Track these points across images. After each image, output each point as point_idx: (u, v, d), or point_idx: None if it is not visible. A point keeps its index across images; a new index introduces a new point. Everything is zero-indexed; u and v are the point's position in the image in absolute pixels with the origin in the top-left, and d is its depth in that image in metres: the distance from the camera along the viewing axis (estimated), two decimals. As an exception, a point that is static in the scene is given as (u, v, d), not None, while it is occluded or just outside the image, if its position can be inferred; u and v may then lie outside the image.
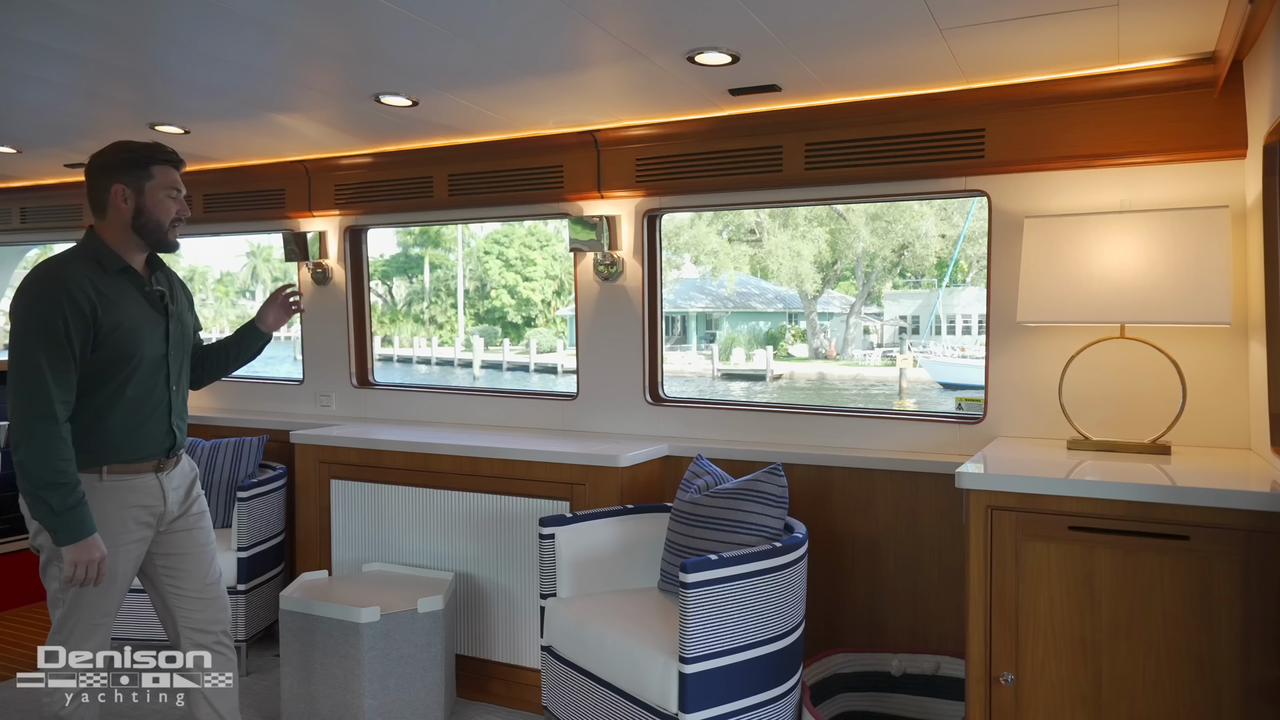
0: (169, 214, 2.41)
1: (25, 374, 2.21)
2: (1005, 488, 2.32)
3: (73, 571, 2.24)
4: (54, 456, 2.20)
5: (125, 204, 2.36)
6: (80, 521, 2.23)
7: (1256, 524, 2.07)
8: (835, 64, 2.82)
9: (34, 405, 2.20)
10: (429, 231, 39.66)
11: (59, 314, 2.22)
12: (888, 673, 3.10)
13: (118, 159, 2.37)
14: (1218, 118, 2.70)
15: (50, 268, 2.29)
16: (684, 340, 33.34)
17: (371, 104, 3.38)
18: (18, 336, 2.23)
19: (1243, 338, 2.75)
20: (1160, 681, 2.19)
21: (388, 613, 3.06)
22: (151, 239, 2.41)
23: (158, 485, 2.45)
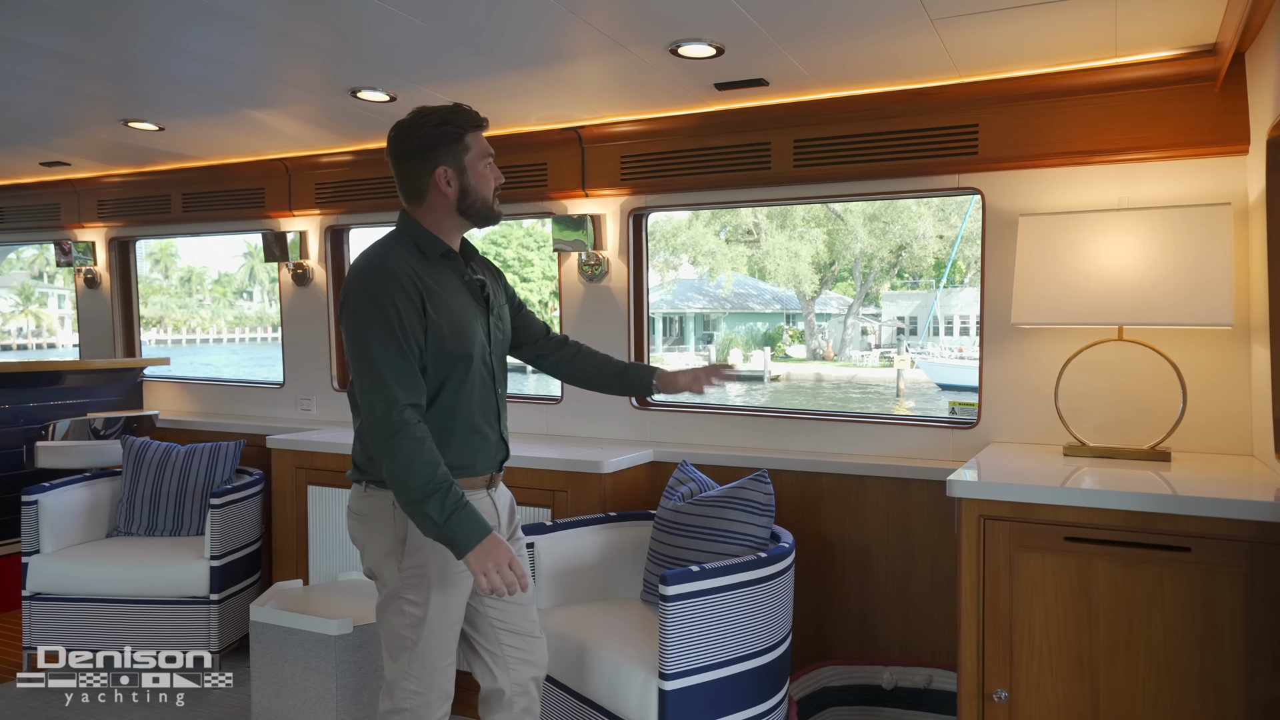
0: (491, 185, 2.12)
1: (369, 379, 1.93)
2: (998, 496, 2.23)
3: (486, 581, 1.89)
4: (422, 461, 1.90)
5: (450, 187, 2.06)
6: (472, 521, 1.90)
7: (1261, 535, 1.98)
8: (823, 57, 2.72)
9: (388, 412, 1.91)
10: (426, 232, 39.52)
11: (389, 303, 1.95)
12: (879, 686, 3.00)
13: (433, 136, 2.04)
14: (1219, 112, 2.61)
15: (371, 257, 2.02)
16: (681, 341, 33.25)
17: (349, 99, 3.29)
18: (353, 339, 1.97)
19: (1245, 340, 2.65)
20: (1161, 700, 2.09)
21: (361, 624, 2.96)
22: (478, 217, 2.12)
23: (490, 504, 2.18)
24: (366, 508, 2.13)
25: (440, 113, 2.05)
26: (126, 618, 3.51)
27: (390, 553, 2.08)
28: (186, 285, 49.35)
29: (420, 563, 2.07)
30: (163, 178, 4.67)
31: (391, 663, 2.13)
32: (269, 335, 46.11)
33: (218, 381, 4.98)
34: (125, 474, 3.95)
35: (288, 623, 2.98)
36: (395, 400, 1.92)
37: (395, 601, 2.09)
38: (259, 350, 41.69)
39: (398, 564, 2.08)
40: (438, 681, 2.12)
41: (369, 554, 2.14)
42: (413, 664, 2.09)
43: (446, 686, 2.15)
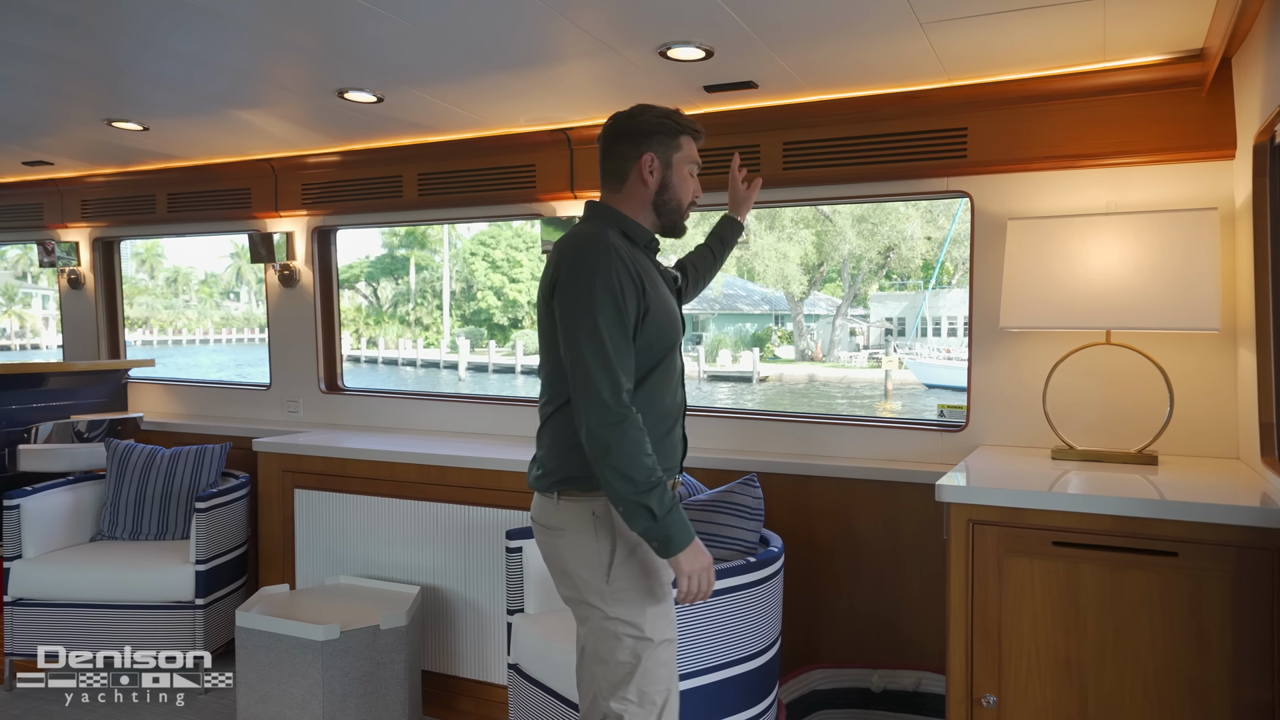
0: (689, 194, 2.08)
1: (598, 360, 1.83)
2: (987, 501, 2.22)
3: (688, 585, 1.85)
4: (644, 453, 1.82)
5: (651, 176, 2.02)
6: (684, 521, 1.85)
7: (1248, 540, 1.99)
8: (813, 60, 2.72)
9: (617, 395, 1.81)
10: (414, 232, 39.46)
11: (616, 282, 1.86)
12: (868, 689, 3.00)
13: (650, 124, 2.02)
14: (1206, 117, 2.62)
15: (588, 236, 1.93)
16: (670, 342, 33.22)
17: (336, 100, 3.27)
18: (578, 318, 1.85)
19: (1232, 344, 2.66)
20: (1148, 705, 2.10)
21: (348, 630, 2.94)
22: (668, 220, 2.07)
23: None
24: (564, 519, 1.97)
25: (664, 110, 2.05)
26: (111, 623, 3.47)
27: (599, 570, 1.93)
28: (173, 286, 49.07)
29: (630, 573, 1.94)
30: (147, 177, 4.63)
31: (608, 693, 1.95)
32: (256, 336, 45.90)
33: (203, 383, 4.95)
34: (109, 477, 3.92)
35: (274, 628, 2.96)
36: (621, 384, 1.83)
37: (610, 625, 1.93)
38: (246, 351, 41.49)
39: (606, 580, 1.93)
40: (666, 699, 1.97)
41: (574, 574, 1.97)
42: (634, 686, 1.93)
43: (675, 706, 2.00)
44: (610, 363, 1.83)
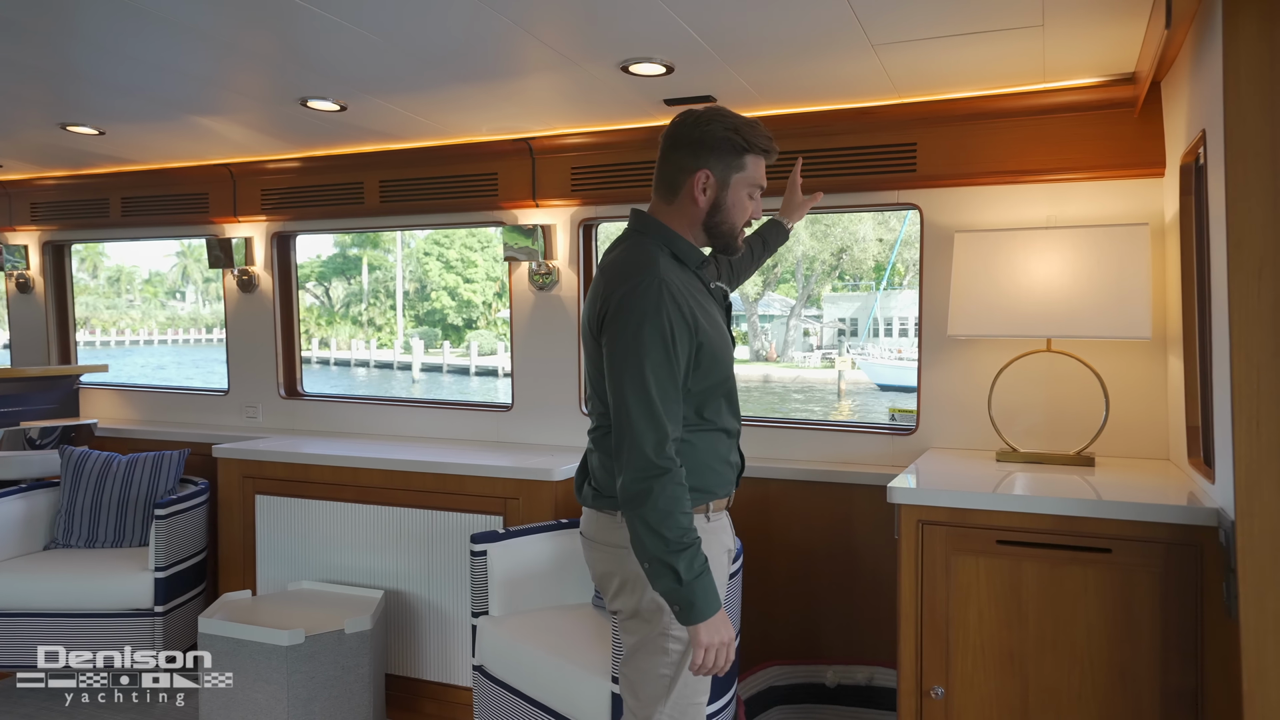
0: (745, 216, 1.95)
1: (641, 408, 1.75)
2: (935, 502, 2.34)
3: (704, 658, 1.77)
4: (682, 512, 1.74)
5: (703, 195, 1.89)
6: (711, 589, 1.76)
7: (1175, 536, 2.12)
8: (769, 77, 2.82)
9: (660, 448, 1.75)
10: (366, 233, 38.97)
11: (667, 324, 1.77)
12: (822, 684, 3.11)
13: (714, 138, 1.86)
14: (1137, 137, 2.77)
15: (639, 267, 1.83)
16: (626, 343, 33.29)
17: (298, 108, 3.28)
18: (624, 360, 1.78)
19: (1162, 352, 2.82)
20: (1085, 693, 2.22)
21: (313, 634, 2.96)
22: (719, 242, 1.96)
23: (728, 522, 2.06)
24: (623, 538, 1.87)
25: (735, 120, 1.88)
26: (68, 631, 3.44)
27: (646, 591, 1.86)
28: (115, 285, 47.84)
29: None
30: (101, 181, 4.57)
31: (645, 704, 1.92)
32: (203, 337, 44.97)
33: (158, 389, 4.90)
34: (64, 485, 3.88)
35: (238, 634, 2.97)
36: (666, 436, 1.75)
37: (657, 640, 1.89)
38: (193, 352, 40.63)
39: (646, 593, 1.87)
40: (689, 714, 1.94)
41: (629, 590, 1.91)
42: (670, 705, 1.90)
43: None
44: (656, 412, 1.75)
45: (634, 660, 1.94)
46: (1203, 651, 2.12)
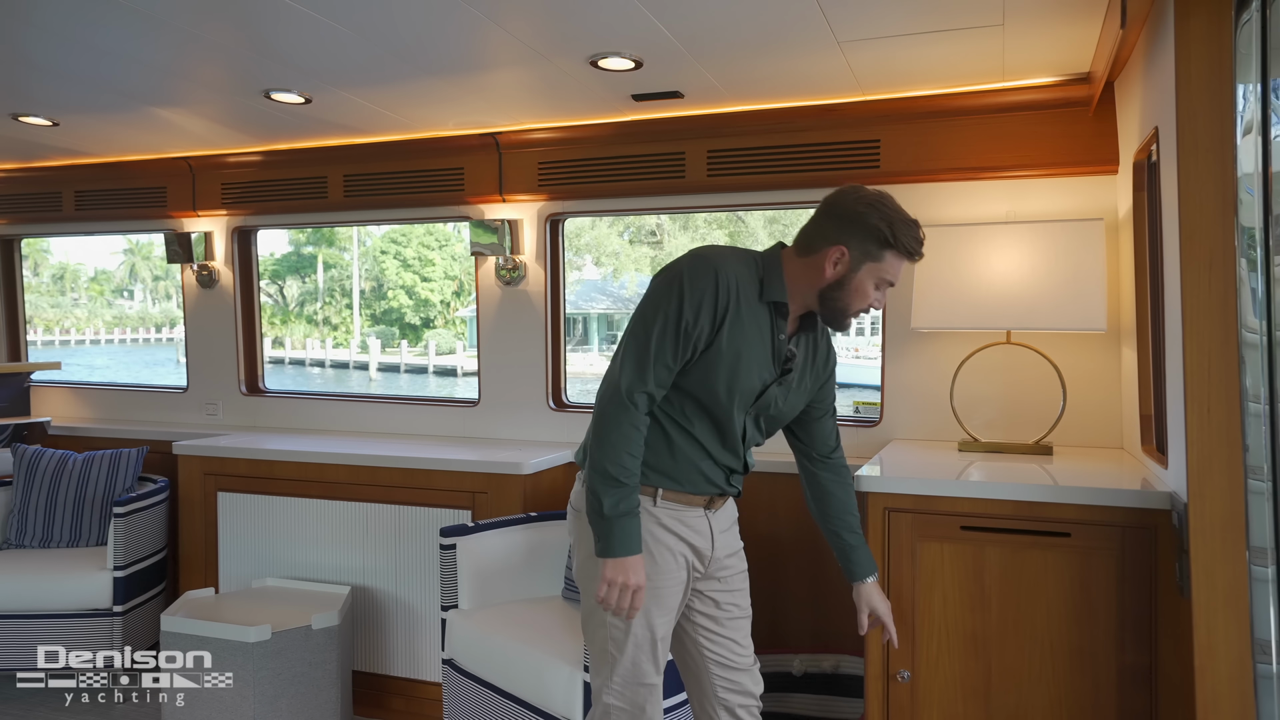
0: (863, 304, 1.97)
1: (636, 351, 1.89)
2: (901, 490, 2.39)
3: (604, 593, 1.89)
4: (626, 452, 1.87)
5: (833, 268, 1.92)
6: (633, 535, 1.88)
7: (1130, 520, 2.19)
8: (737, 73, 2.85)
9: (630, 390, 1.87)
10: (322, 230, 38.44)
11: (694, 300, 1.87)
12: (789, 673, 3.15)
13: (866, 224, 1.89)
14: (1092, 135, 2.85)
15: (713, 252, 1.93)
16: (585, 342, 33.30)
17: (262, 100, 3.24)
18: (644, 309, 1.91)
19: (1116, 343, 2.91)
20: (1045, 673, 2.29)
21: (279, 630, 2.94)
22: (828, 314, 1.99)
23: (706, 525, 2.08)
24: (582, 502, 2.00)
25: (892, 214, 1.90)
26: (24, 633, 3.36)
27: (594, 554, 1.96)
28: (59, 283, 46.56)
29: None
30: (54, 174, 4.47)
31: (595, 675, 2.05)
32: (152, 336, 43.96)
33: (113, 386, 4.80)
34: (16, 484, 3.79)
35: (202, 631, 2.93)
36: (646, 387, 1.88)
37: (598, 612, 1.98)
38: (144, 352, 39.71)
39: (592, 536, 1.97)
40: (642, 702, 2.01)
41: (576, 555, 2.06)
42: (614, 678, 2.00)
43: (651, 712, 2.02)
44: (646, 363, 1.88)
45: (584, 630, 2.07)
46: (1156, 631, 2.20)
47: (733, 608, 2.15)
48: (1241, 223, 1.84)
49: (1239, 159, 1.84)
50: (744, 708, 2.16)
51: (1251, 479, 1.85)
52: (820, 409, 2.18)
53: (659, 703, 2.06)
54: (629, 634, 1.98)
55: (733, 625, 2.15)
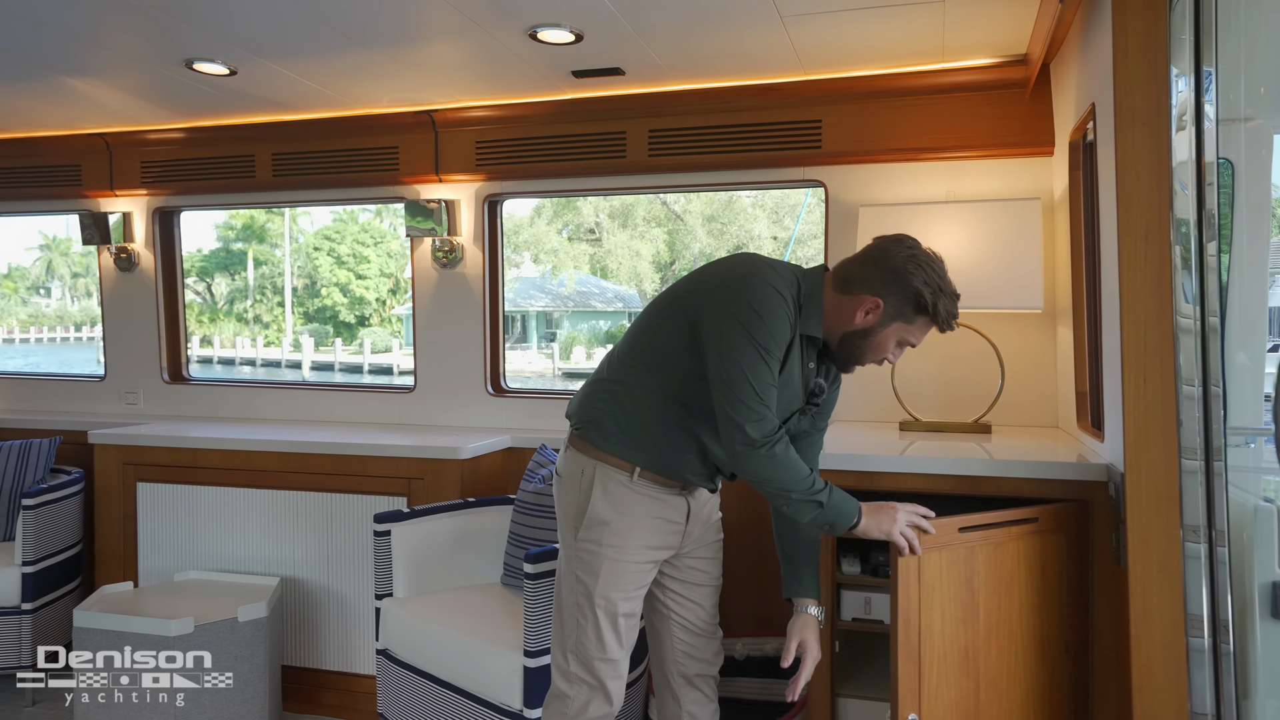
0: (879, 357, 1.96)
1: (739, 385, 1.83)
2: (845, 466, 2.38)
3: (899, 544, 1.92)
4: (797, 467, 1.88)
5: (862, 318, 1.91)
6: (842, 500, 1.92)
7: (1068, 492, 2.21)
8: (679, 49, 2.81)
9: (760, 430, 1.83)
10: (252, 226, 37.41)
11: (779, 331, 1.84)
12: (732, 656, 3.12)
13: (909, 283, 1.87)
14: (1029, 116, 2.89)
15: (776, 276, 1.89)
16: (524, 339, 33.05)
17: (183, 71, 3.10)
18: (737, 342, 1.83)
19: (1051, 323, 2.95)
20: (1019, 672, 2.14)
21: (203, 624, 2.80)
22: (840, 356, 1.98)
23: (684, 503, 2.08)
24: (564, 467, 2.06)
25: (937, 282, 1.89)
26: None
27: (570, 520, 2.01)
28: (-31, 278, 44.47)
29: (597, 539, 1.98)
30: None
31: (556, 645, 2.06)
32: (71, 335, 42.27)
33: (24, 375, 4.55)
34: (-84, 477, 3.56)
35: (119, 626, 2.78)
36: (767, 418, 1.83)
37: (569, 576, 2.02)
38: (61, 352, 38.17)
39: (575, 533, 2.00)
40: (601, 676, 2.02)
41: (558, 518, 2.08)
42: (576, 646, 2.01)
43: (611, 687, 2.03)
44: (763, 399, 1.82)
45: (556, 593, 2.08)
46: (1092, 603, 2.22)
47: (702, 574, 2.17)
48: (1176, 213, 1.87)
49: (1173, 148, 1.87)
50: (701, 677, 2.18)
51: (1185, 459, 1.88)
52: (820, 423, 2.13)
53: (620, 679, 2.05)
54: (594, 604, 1.98)
55: (700, 591, 2.18)
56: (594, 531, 1.99)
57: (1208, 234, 1.88)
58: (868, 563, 2.41)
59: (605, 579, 1.98)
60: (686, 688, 2.18)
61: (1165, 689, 1.89)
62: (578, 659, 2.02)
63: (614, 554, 1.98)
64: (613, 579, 1.99)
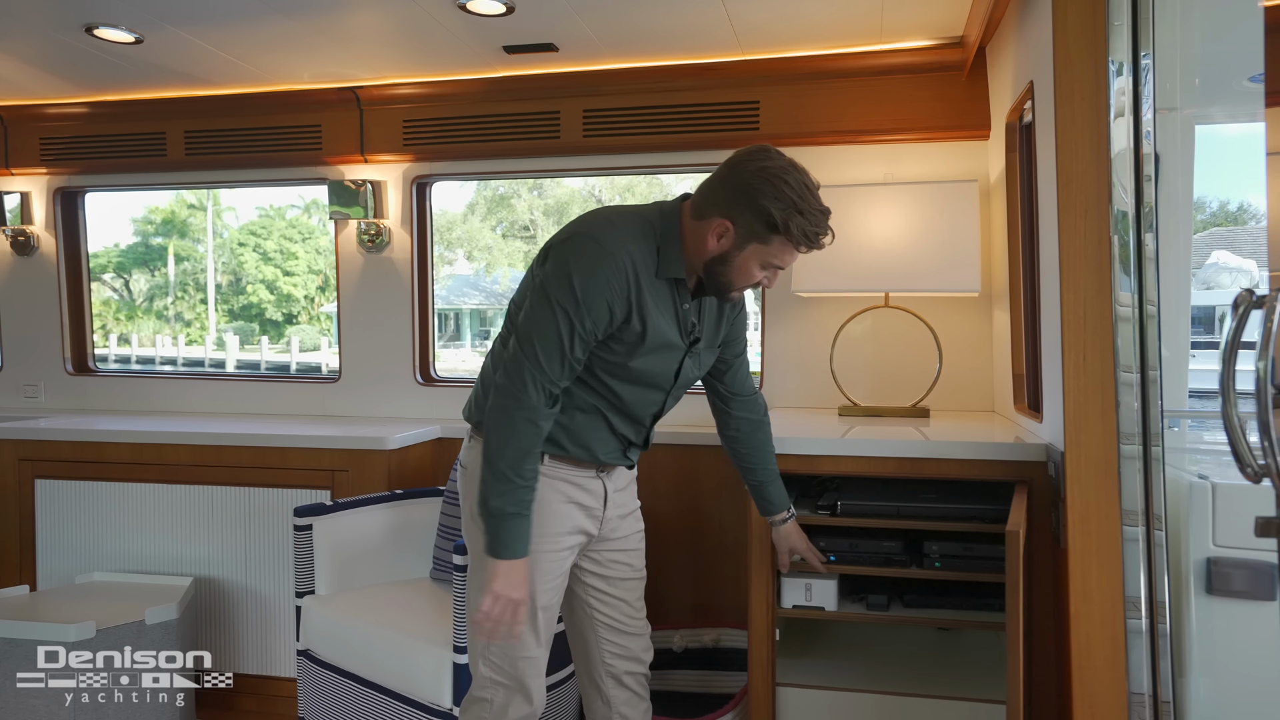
0: (746, 282, 1.81)
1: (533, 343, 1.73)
2: (786, 450, 2.32)
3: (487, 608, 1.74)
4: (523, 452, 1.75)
5: (716, 243, 1.76)
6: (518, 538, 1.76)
7: (1008, 473, 2.19)
8: (614, 24, 2.73)
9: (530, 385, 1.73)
10: (173, 220, 36.13)
11: (592, 288, 1.71)
12: (670, 649, 3.06)
13: (759, 201, 1.71)
14: (965, 99, 2.88)
15: (608, 227, 1.76)
16: (457, 338, 32.61)
17: (84, 38, 2.89)
18: (539, 297, 1.74)
19: (988, 306, 2.95)
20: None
21: (106, 627, 2.62)
22: (711, 287, 1.84)
23: (601, 486, 1.98)
24: (467, 458, 1.94)
25: (791, 194, 1.71)
26: None
27: (475, 515, 1.85)
28: None
29: None
30: None
31: (471, 648, 1.95)
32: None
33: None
34: None
35: (11, 632, 2.58)
36: (549, 379, 1.73)
37: (479, 574, 1.86)
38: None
39: (481, 530, 1.85)
40: (521, 675, 1.90)
41: (462, 513, 1.96)
42: (492, 647, 1.89)
43: (531, 685, 1.92)
44: (552, 358, 1.73)
45: (466, 592, 1.95)
46: (1031, 586, 2.21)
47: (624, 567, 2.06)
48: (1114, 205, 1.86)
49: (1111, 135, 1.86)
50: (631, 674, 2.07)
51: (1124, 444, 1.87)
52: (734, 348, 2.07)
53: (540, 676, 1.94)
54: None
55: (624, 586, 2.06)
56: None
57: (1145, 223, 1.88)
58: (809, 548, 2.35)
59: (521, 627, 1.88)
60: (616, 687, 2.07)
61: (1104, 668, 1.88)
62: (494, 660, 1.90)
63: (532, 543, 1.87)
64: (530, 572, 1.87)
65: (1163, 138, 1.97)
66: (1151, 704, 1.86)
